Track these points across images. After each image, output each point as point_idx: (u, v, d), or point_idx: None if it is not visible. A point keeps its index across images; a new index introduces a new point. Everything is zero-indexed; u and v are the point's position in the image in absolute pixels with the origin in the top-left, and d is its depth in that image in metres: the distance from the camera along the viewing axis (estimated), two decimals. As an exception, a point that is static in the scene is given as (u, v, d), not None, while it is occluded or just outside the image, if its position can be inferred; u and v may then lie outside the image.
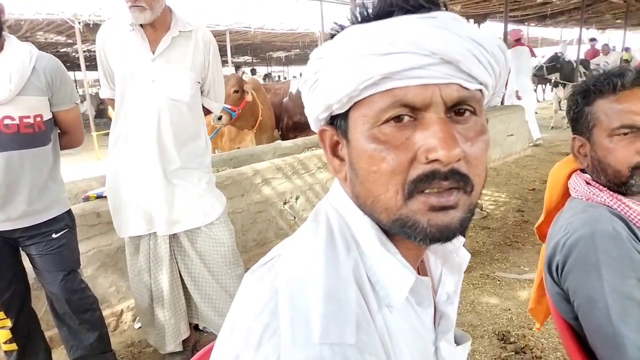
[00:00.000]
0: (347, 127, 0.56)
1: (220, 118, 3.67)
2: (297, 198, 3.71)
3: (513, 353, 2.13)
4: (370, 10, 0.53)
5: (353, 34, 0.52)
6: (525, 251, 3.30)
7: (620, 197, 1.04)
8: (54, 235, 1.83)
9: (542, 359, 2.09)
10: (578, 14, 9.97)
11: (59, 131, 1.91)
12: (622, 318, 0.88)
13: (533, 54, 8.80)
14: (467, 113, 0.52)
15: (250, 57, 19.85)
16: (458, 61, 0.49)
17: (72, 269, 1.90)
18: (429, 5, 0.51)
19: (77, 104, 1.90)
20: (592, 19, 13.85)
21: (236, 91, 3.85)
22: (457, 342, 0.69)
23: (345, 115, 0.56)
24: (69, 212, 1.93)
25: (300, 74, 22.08)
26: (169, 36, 1.92)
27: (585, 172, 1.15)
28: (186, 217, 2.04)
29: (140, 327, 2.52)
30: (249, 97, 3.92)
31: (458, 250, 0.66)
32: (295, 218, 3.69)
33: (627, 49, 13.20)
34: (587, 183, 1.11)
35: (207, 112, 2.24)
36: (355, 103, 0.53)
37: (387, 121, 0.51)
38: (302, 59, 23.64)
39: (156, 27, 1.91)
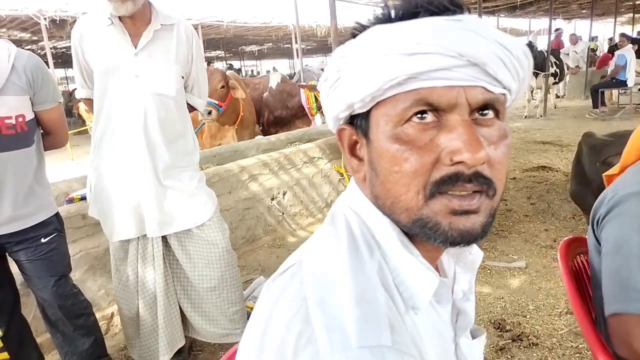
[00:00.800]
0: (368, 126, 0.55)
1: (210, 113, 3.62)
2: (284, 194, 3.68)
3: (510, 341, 2.17)
4: (394, 11, 0.53)
5: (378, 33, 0.52)
6: (512, 239, 3.36)
7: None
8: (42, 240, 1.76)
9: (539, 345, 2.13)
10: (547, 5, 10.22)
11: (42, 131, 1.83)
12: None
13: None
14: (491, 116, 0.52)
15: (223, 52, 19.59)
16: (485, 64, 0.49)
17: (64, 274, 1.83)
18: (454, 8, 0.52)
19: (60, 102, 1.82)
20: (559, 9, 14.20)
21: (223, 86, 3.79)
22: (472, 335, 0.69)
23: (366, 115, 0.55)
24: (57, 215, 1.85)
25: (274, 68, 21.83)
26: (151, 29, 1.85)
27: None
28: (178, 218, 1.98)
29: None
30: (239, 94, 3.88)
31: (471, 248, 0.66)
32: (283, 214, 3.66)
33: (593, 38, 13.59)
34: None
35: (190, 109, 2.19)
36: (377, 102, 0.53)
37: (410, 119, 0.51)
38: (276, 53, 23.46)
39: (136, 20, 1.83)
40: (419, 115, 0.51)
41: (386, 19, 0.53)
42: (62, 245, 1.85)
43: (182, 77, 1.99)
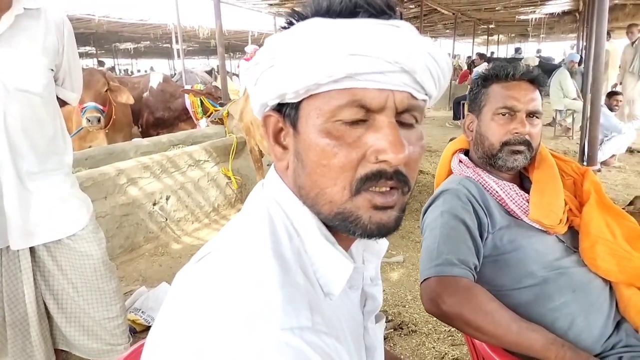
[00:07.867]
0: (297, 117, 0.56)
1: (99, 120, 3.32)
2: (167, 198, 3.51)
3: (392, 330, 2.31)
4: (334, 7, 0.53)
5: (318, 27, 0.52)
6: (390, 236, 3.56)
7: (479, 171, 1.25)
8: None
9: (417, 332, 2.31)
10: (417, 23, 11.12)
11: None
12: (445, 240, 1.12)
13: None
14: (412, 120, 0.56)
15: (94, 48, 18.04)
16: (415, 72, 0.53)
17: None
18: (390, 12, 0.54)
19: None
20: (428, 28, 15.60)
21: (107, 90, 3.51)
22: (375, 320, 0.73)
23: (296, 105, 0.56)
24: None
25: (152, 68, 20.65)
26: (12, 14, 1.61)
27: (461, 154, 1.36)
28: (46, 227, 1.77)
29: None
30: (124, 98, 3.61)
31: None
32: (166, 220, 3.49)
33: (455, 56, 15.13)
34: (460, 161, 1.32)
35: (61, 103, 1.98)
36: (309, 95, 0.54)
37: (342, 119, 0.53)
38: (154, 52, 22.27)
39: None
40: (351, 120, 0.52)
41: (324, 13, 0.53)
42: None
43: (52, 70, 1.79)
